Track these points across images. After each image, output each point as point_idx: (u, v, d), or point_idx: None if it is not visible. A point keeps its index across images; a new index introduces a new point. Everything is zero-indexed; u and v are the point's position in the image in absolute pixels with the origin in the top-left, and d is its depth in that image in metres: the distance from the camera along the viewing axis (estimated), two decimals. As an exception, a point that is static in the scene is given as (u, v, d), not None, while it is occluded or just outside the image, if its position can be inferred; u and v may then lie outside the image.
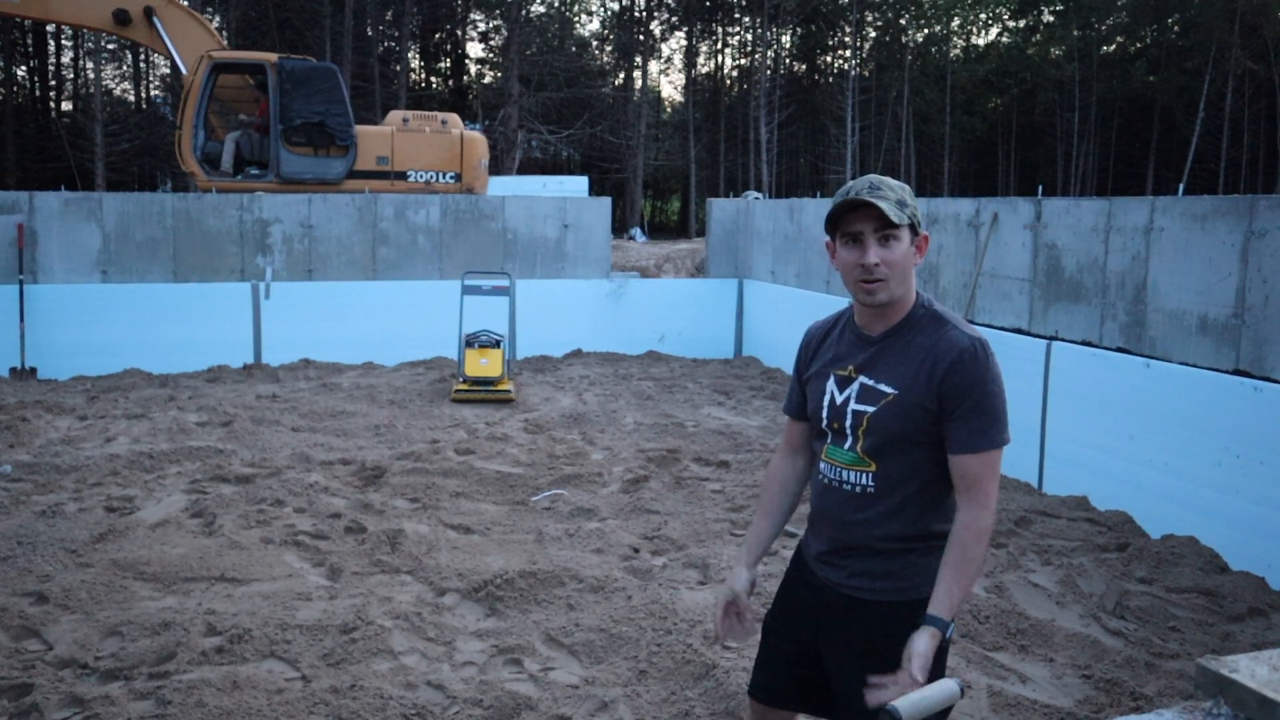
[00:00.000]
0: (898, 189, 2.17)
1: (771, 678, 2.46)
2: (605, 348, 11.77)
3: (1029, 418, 6.94)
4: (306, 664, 4.01)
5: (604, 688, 3.89)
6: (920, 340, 2.19)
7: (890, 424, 2.16)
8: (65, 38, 41.77)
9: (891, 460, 2.20)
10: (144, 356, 10.31)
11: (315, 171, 13.13)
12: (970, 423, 2.13)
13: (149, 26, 13.39)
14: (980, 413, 2.13)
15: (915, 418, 2.15)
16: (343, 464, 6.95)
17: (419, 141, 13.71)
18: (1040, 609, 4.72)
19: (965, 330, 2.19)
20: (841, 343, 2.31)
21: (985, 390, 2.14)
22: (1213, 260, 5.89)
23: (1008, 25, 53.99)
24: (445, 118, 14.21)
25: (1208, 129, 41.85)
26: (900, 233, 2.15)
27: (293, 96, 13.00)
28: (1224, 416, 5.49)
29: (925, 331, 2.20)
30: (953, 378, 2.12)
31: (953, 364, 2.13)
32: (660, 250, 21.96)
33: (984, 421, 2.14)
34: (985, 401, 2.14)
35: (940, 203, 8.68)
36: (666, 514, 6.04)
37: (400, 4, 38.19)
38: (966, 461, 2.14)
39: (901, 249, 2.16)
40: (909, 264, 2.19)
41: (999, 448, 2.16)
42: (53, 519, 5.56)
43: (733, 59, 53.45)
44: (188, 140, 13.13)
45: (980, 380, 2.13)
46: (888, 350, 2.22)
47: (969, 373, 2.13)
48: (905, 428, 2.16)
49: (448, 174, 13.72)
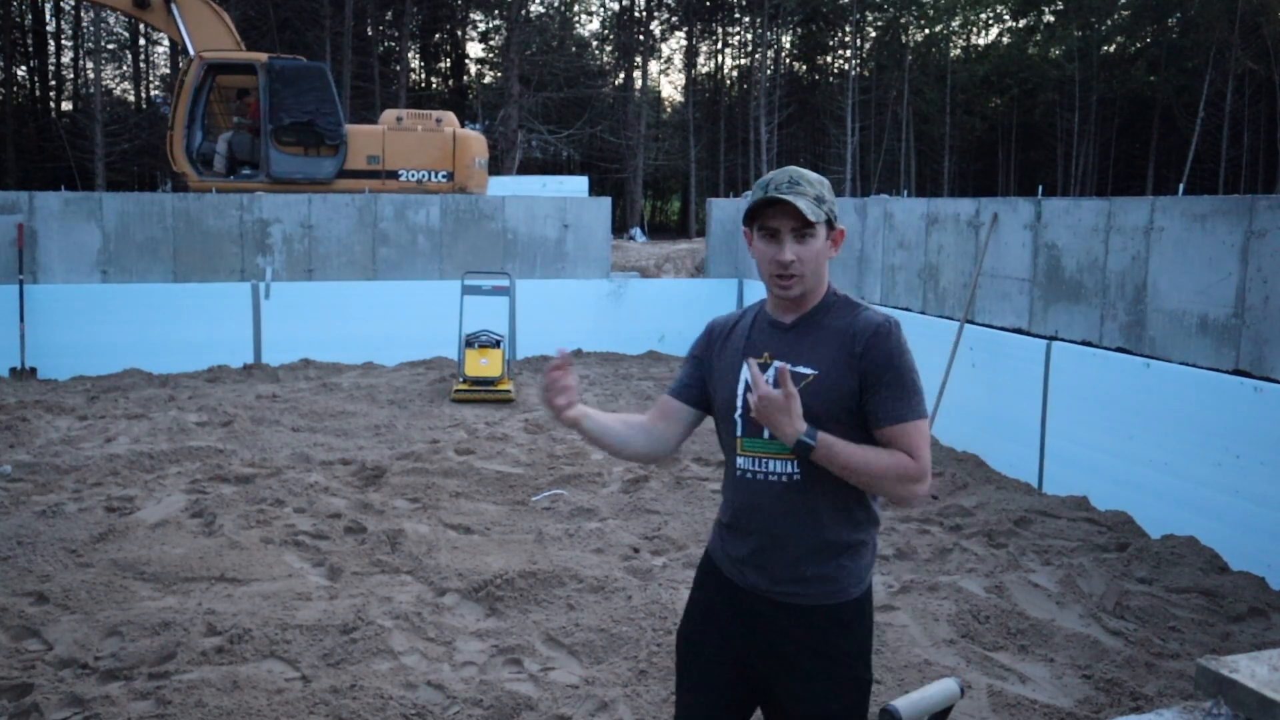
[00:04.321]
0: (816, 184, 2.20)
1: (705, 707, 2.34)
2: (605, 348, 11.77)
3: (1029, 418, 6.94)
4: (306, 664, 4.01)
5: (604, 688, 3.89)
6: (834, 323, 2.23)
7: (812, 404, 2.14)
8: (65, 38, 41.79)
9: None
10: (144, 356, 10.31)
11: (305, 171, 13.07)
12: (892, 394, 2.16)
13: (167, 13, 13.40)
14: (900, 384, 2.16)
15: (837, 397, 2.17)
16: (343, 464, 6.95)
17: (411, 140, 13.59)
18: (1040, 609, 4.72)
19: (877, 311, 2.25)
20: (754, 332, 2.32)
21: (902, 363, 2.17)
22: (1213, 260, 5.89)
23: (1008, 25, 54.04)
24: (440, 116, 14.09)
25: (1208, 129, 41.83)
26: (817, 229, 2.19)
27: (282, 96, 12.94)
28: (1224, 416, 5.49)
29: (839, 315, 2.24)
30: (871, 353, 2.16)
31: (870, 340, 2.17)
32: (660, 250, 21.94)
33: (905, 392, 2.16)
34: (904, 375, 2.17)
35: (940, 203, 8.68)
36: (666, 514, 6.04)
37: (400, 4, 38.18)
38: (894, 432, 2.15)
39: (817, 245, 2.20)
40: (824, 258, 2.23)
41: (922, 418, 2.18)
42: (53, 519, 5.56)
43: (733, 59, 53.47)
44: (179, 140, 13.13)
45: (898, 353, 2.17)
46: (803, 335, 2.24)
47: (886, 347, 2.16)
48: (828, 407, 2.16)
49: (440, 173, 13.60)
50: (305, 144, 13.17)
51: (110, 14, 33.71)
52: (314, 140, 13.15)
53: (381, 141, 13.46)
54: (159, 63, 42.86)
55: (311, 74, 13.26)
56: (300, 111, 12.98)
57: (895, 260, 9.18)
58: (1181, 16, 45.73)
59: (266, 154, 13.00)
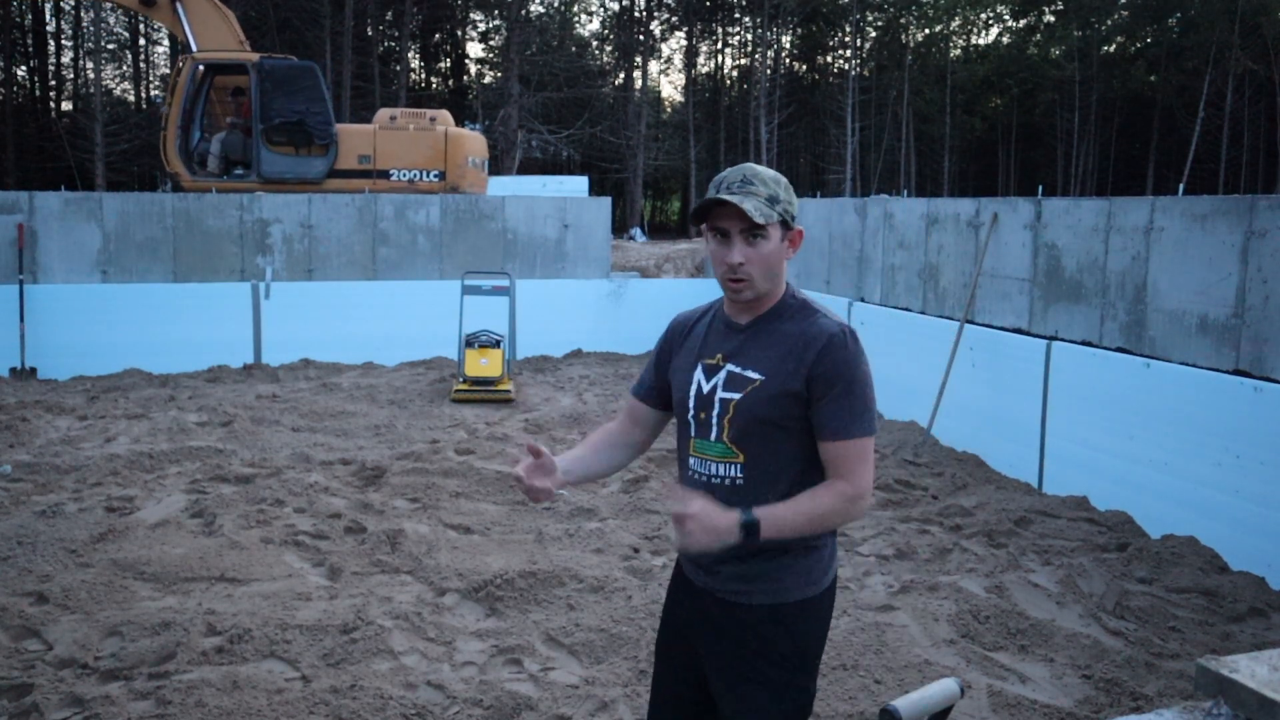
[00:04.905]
0: (771, 183, 2.13)
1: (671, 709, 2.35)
2: (605, 348, 11.77)
3: (1029, 418, 6.94)
4: (306, 664, 4.01)
5: (604, 688, 3.89)
6: (788, 327, 2.16)
7: (756, 409, 2.11)
8: (65, 38, 41.79)
9: (759, 450, 2.14)
10: (144, 356, 10.31)
11: (296, 171, 13.01)
12: (839, 407, 2.09)
13: (172, 12, 13.39)
14: (849, 397, 2.09)
15: (783, 403, 2.11)
16: (343, 464, 6.95)
17: (402, 139, 13.46)
18: (1040, 609, 4.72)
19: (834, 319, 2.18)
20: (710, 332, 2.27)
21: (854, 376, 2.10)
22: (1213, 260, 5.89)
23: (1008, 25, 54.04)
24: (434, 114, 13.94)
25: (1208, 129, 41.82)
26: (768, 231, 2.12)
27: (273, 96, 12.89)
28: (1224, 416, 5.49)
29: (794, 319, 2.17)
30: (822, 362, 2.09)
31: (823, 349, 2.10)
32: (660, 250, 21.93)
33: (853, 407, 2.10)
34: (855, 387, 2.10)
35: (940, 203, 8.68)
36: (666, 514, 6.03)
37: (400, 4, 38.18)
38: (836, 448, 2.10)
39: (769, 246, 2.13)
40: (777, 259, 2.16)
41: (868, 435, 2.12)
42: (53, 519, 5.56)
43: (733, 59, 53.47)
44: (172, 141, 13.13)
45: (850, 365, 2.10)
46: (756, 338, 2.18)
47: (838, 358, 2.10)
48: (772, 413, 2.11)
49: (432, 172, 13.45)
50: (296, 143, 13.10)
51: (110, 14, 33.74)
52: (304, 140, 13.07)
53: (373, 141, 13.35)
54: (159, 63, 42.85)
55: (302, 73, 13.17)
56: (290, 111, 12.91)
57: (895, 260, 9.18)
58: (1181, 16, 45.72)
59: (257, 154, 12.98)
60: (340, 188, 12.58)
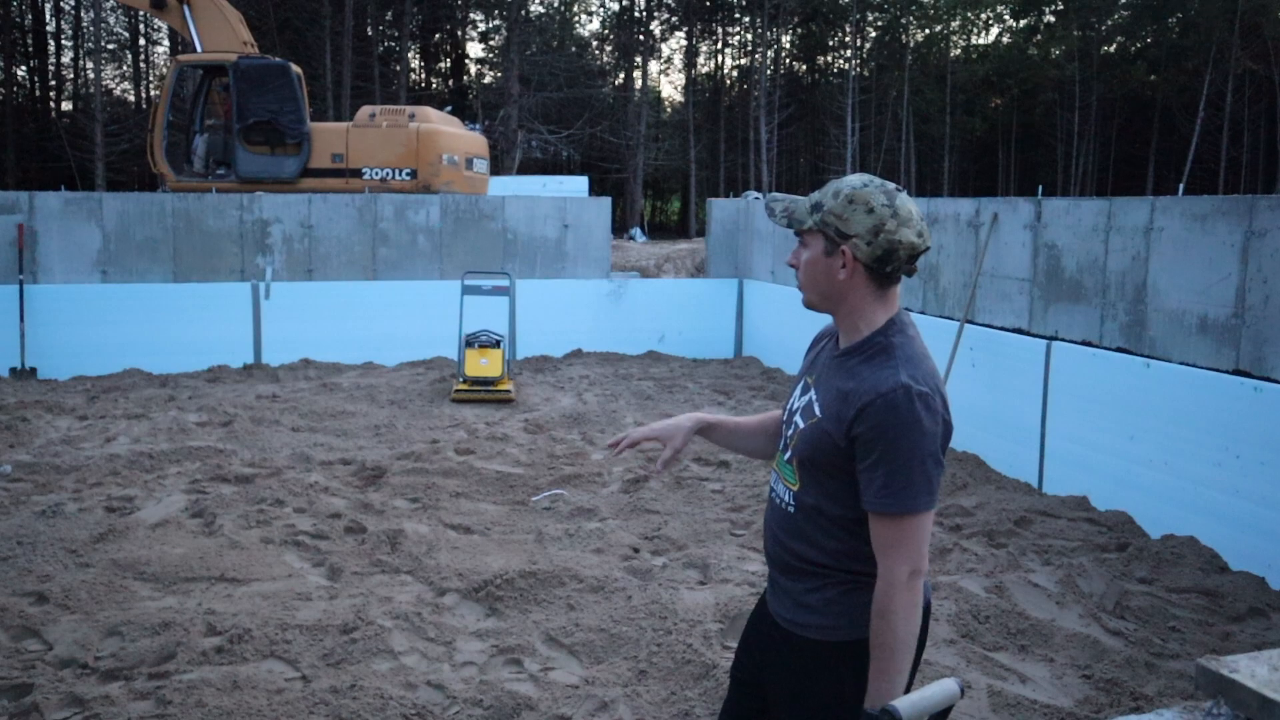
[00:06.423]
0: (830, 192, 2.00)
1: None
2: (605, 348, 11.77)
3: (1029, 417, 6.94)
4: (306, 664, 4.01)
5: (604, 688, 3.89)
6: (860, 369, 1.97)
7: (805, 447, 2.01)
8: (65, 38, 41.79)
9: (811, 485, 2.03)
10: (144, 356, 10.32)
11: (270, 170, 12.97)
12: (874, 476, 1.88)
13: (181, 14, 13.39)
14: (887, 467, 1.86)
15: (827, 449, 1.96)
16: (343, 464, 6.96)
17: (375, 137, 13.28)
18: (1040, 609, 4.72)
19: (902, 372, 1.90)
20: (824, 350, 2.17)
21: (897, 442, 1.85)
22: (1213, 260, 5.89)
23: (1008, 25, 54.04)
24: (414, 111, 13.70)
25: (1208, 129, 41.82)
26: (807, 238, 2.02)
27: (248, 96, 12.89)
28: (1224, 416, 5.49)
29: (869, 362, 1.97)
30: (863, 421, 1.88)
31: (865, 406, 1.88)
32: (660, 250, 21.93)
33: (891, 480, 1.86)
34: (897, 456, 1.85)
35: (940, 203, 8.68)
36: (666, 514, 6.04)
37: (400, 4, 38.19)
38: (873, 521, 1.91)
39: (806, 255, 2.02)
40: (823, 274, 2.00)
41: (907, 514, 1.86)
42: (53, 519, 5.56)
43: (733, 59, 53.48)
44: (158, 142, 13.14)
45: (895, 430, 1.85)
46: (838, 370, 2.03)
47: (882, 420, 1.86)
48: (817, 455, 1.99)
49: (403, 170, 13.24)
50: (270, 143, 13.06)
51: (110, 14, 33.72)
52: (277, 139, 13.03)
53: (346, 139, 13.22)
54: (159, 63, 42.89)
55: (275, 72, 13.10)
56: (264, 110, 12.88)
57: (895, 260, 9.16)
58: (1181, 16, 45.72)
59: (234, 153, 12.98)
60: (314, 187, 12.49)
